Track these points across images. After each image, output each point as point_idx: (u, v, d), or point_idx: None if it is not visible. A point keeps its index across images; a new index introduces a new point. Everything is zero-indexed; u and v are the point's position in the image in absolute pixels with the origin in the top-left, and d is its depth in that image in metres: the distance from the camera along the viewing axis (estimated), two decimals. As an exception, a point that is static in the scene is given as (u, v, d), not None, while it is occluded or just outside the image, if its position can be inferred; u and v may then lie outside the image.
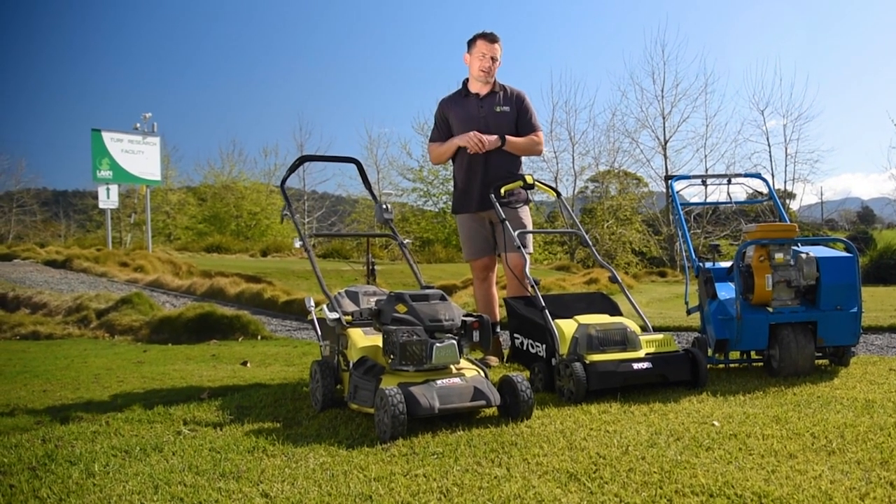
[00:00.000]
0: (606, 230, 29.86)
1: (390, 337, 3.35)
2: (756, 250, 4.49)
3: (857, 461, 2.61)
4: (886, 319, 7.43)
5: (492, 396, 3.33)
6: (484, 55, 5.09)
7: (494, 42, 5.11)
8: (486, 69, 5.11)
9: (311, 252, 4.18)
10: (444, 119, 5.27)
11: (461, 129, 5.14)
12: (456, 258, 25.58)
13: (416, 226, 32.18)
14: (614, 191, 32.65)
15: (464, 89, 5.27)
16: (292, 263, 18.70)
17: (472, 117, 5.15)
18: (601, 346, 3.94)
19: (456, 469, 2.67)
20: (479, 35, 5.14)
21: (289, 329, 9.04)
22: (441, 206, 32.03)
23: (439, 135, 5.29)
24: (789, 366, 4.36)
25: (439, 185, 31.99)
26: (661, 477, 2.47)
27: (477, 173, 5.11)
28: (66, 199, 45.23)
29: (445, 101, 5.30)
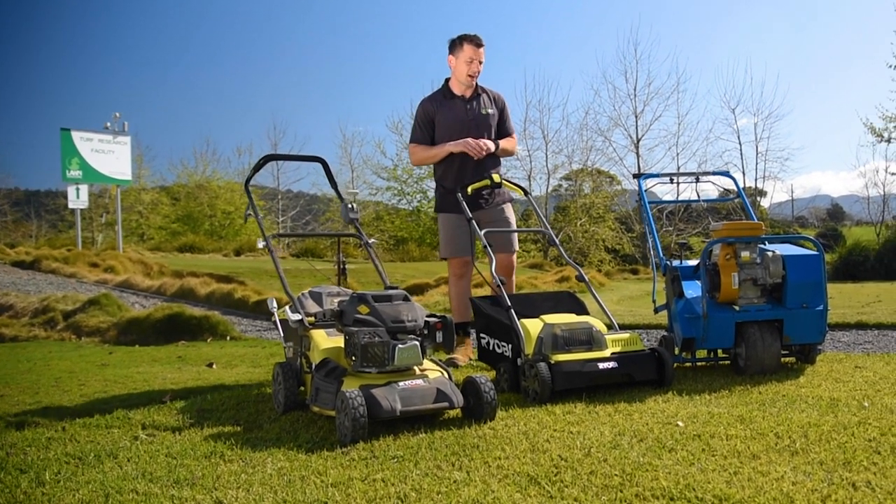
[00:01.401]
0: (580, 228, 29.96)
1: (352, 338, 3.30)
2: (722, 248, 4.49)
3: (819, 462, 2.60)
4: (853, 316, 7.49)
5: (455, 398, 3.29)
6: (472, 60, 5.09)
7: (481, 47, 5.10)
8: (474, 74, 5.13)
9: (273, 252, 4.12)
10: (430, 120, 5.21)
11: (450, 132, 5.11)
12: (430, 257, 25.56)
13: (390, 224, 32.12)
14: (588, 189, 32.76)
15: (447, 90, 5.23)
16: (265, 263, 18.52)
17: (461, 120, 5.14)
18: (567, 345, 3.91)
19: (415, 473, 2.63)
20: (466, 38, 5.10)
21: (259, 329, 8.95)
22: (415, 205, 31.99)
23: (423, 136, 5.23)
24: (756, 364, 4.36)
25: (413, 183, 31.96)
26: (623, 480, 2.45)
27: (467, 174, 5.10)
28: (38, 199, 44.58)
29: (429, 101, 5.25)
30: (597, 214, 30.63)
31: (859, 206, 35.13)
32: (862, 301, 10.40)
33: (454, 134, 5.10)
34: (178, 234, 30.83)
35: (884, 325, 6.99)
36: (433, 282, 13.25)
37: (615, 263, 28.25)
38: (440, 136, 5.19)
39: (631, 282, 18.99)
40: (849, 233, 34.16)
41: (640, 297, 13.18)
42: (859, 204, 34.68)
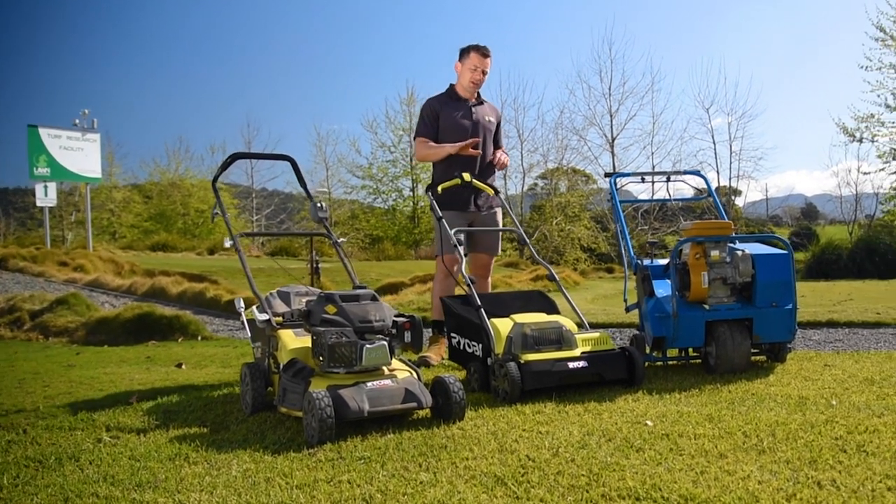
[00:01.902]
0: (555, 227, 30.04)
1: (319, 339, 3.27)
2: (692, 248, 4.50)
3: (786, 460, 2.60)
4: (825, 314, 7.56)
5: (423, 398, 3.27)
6: (476, 68, 5.30)
7: (487, 57, 5.33)
8: (477, 81, 5.35)
9: (241, 251, 4.07)
10: (436, 117, 5.35)
11: (454, 132, 5.28)
12: (405, 255, 25.53)
13: (365, 223, 32.05)
14: (564, 188, 32.87)
15: (453, 93, 5.42)
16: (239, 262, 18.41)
17: (465, 123, 5.33)
18: (536, 345, 3.90)
19: (382, 474, 2.61)
20: (474, 48, 5.32)
21: (231, 329, 8.87)
22: (390, 204, 31.95)
23: (427, 130, 5.35)
24: (726, 363, 4.38)
25: (388, 182, 31.93)
26: (589, 480, 2.44)
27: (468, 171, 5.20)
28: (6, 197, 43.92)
29: (435, 100, 5.41)
30: (572, 213, 30.72)
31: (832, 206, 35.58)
32: (834, 299, 10.52)
33: (459, 134, 5.26)
34: (151, 232, 30.56)
35: (854, 324, 7.06)
36: (408, 280, 13.21)
37: (591, 262, 28.34)
38: (445, 136, 5.31)
39: (606, 280, 19.08)
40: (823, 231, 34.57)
41: (614, 295, 13.23)
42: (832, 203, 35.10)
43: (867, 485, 2.31)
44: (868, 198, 31.74)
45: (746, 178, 31.61)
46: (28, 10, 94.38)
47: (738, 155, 30.94)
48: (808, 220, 44.76)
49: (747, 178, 31.76)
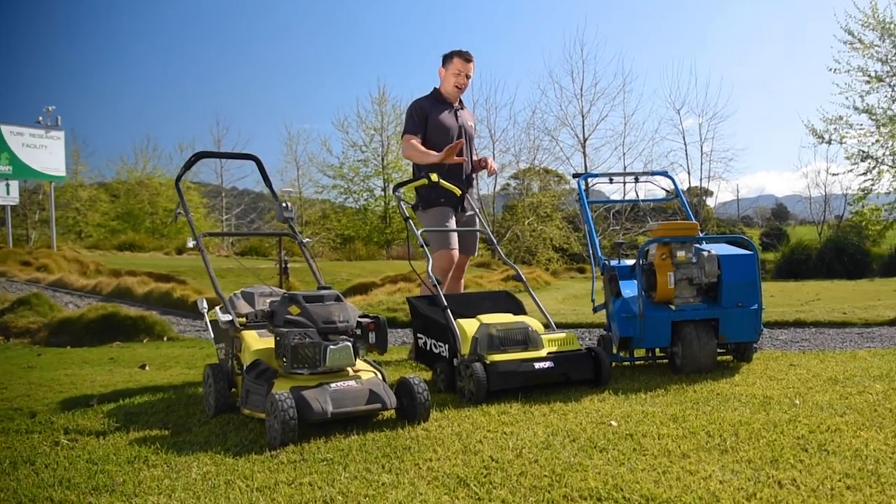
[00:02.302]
0: (527, 227, 30.13)
1: (282, 339, 3.24)
2: (658, 248, 4.52)
3: (748, 460, 2.61)
4: (792, 314, 7.63)
5: (387, 399, 3.25)
6: (460, 72, 5.41)
7: (470, 61, 5.42)
8: (461, 86, 5.46)
9: (203, 251, 4.02)
10: (425, 116, 5.40)
11: (440, 133, 5.36)
12: (377, 255, 25.46)
13: (336, 223, 31.92)
14: (536, 188, 32.98)
15: (439, 95, 5.50)
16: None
17: (451, 126, 5.43)
18: (502, 345, 3.89)
19: (344, 476, 2.58)
20: (457, 53, 5.42)
21: (198, 330, 8.77)
22: (362, 204, 31.85)
23: (417, 129, 5.39)
24: (692, 363, 4.40)
25: (360, 182, 31.82)
26: (552, 481, 2.43)
27: (456, 176, 5.34)
28: (-31, 196, 43.09)
29: (424, 101, 5.46)
30: (544, 213, 30.84)
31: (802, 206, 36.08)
32: (802, 299, 10.63)
33: (446, 135, 5.35)
34: (118, 231, 30.14)
35: (821, 323, 7.14)
36: (379, 281, 13.17)
37: (563, 262, 28.46)
38: (432, 136, 5.37)
39: (577, 280, 19.17)
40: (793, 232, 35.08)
41: (584, 295, 13.29)
42: (802, 204, 35.58)
43: (827, 483, 2.32)
44: (837, 199, 32.24)
45: (717, 179, 31.96)
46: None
47: (708, 156, 31.27)
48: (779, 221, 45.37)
49: (718, 179, 32.11)
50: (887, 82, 23.87)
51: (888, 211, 25.02)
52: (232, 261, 18.29)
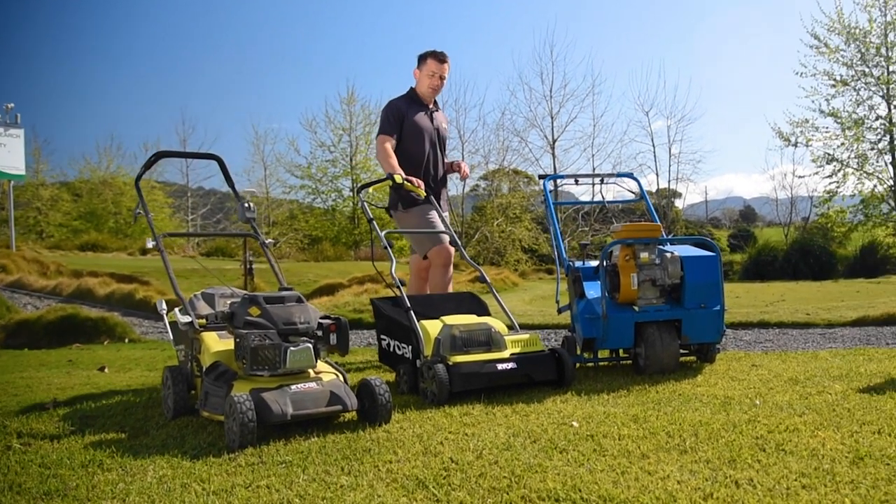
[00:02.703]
0: (496, 228, 30.16)
1: (242, 341, 3.20)
2: (622, 250, 4.54)
3: (706, 460, 2.62)
4: (756, 315, 7.71)
5: (349, 401, 3.22)
6: (434, 73, 5.40)
7: (444, 62, 5.41)
8: (435, 87, 5.45)
9: (163, 252, 3.95)
10: (401, 117, 5.38)
11: (415, 136, 5.37)
12: (345, 256, 25.33)
13: (304, 223, 31.71)
14: (506, 189, 33.03)
15: (415, 96, 5.50)
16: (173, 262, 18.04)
17: (426, 128, 5.43)
18: (465, 346, 3.88)
19: (302, 478, 2.55)
20: (431, 54, 5.40)
21: (161, 331, 8.66)
22: (330, 204, 31.66)
23: (392, 129, 5.37)
24: (655, 363, 4.42)
25: (328, 182, 31.65)
26: (511, 482, 2.42)
27: (433, 178, 5.39)
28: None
29: (400, 101, 5.45)
30: (513, 214, 30.89)
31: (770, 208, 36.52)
32: (767, 300, 10.75)
33: (420, 138, 5.36)
34: (80, 231, 29.57)
35: (784, 324, 7.23)
36: (346, 282, 13.12)
37: (532, 263, 28.54)
38: (413, 135, 5.38)
39: (546, 281, 19.24)
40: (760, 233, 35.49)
41: (552, 296, 13.28)
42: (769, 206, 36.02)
43: (783, 483, 2.34)
44: (803, 201, 32.73)
45: (685, 181, 32.23)
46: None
47: (677, 158, 31.51)
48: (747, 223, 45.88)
49: (686, 181, 32.38)
50: (852, 86, 24.27)
51: (853, 213, 25.43)
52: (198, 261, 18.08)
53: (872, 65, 23.85)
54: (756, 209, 50.34)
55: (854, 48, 24.03)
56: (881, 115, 23.99)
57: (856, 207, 25.31)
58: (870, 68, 23.90)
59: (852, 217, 25.47)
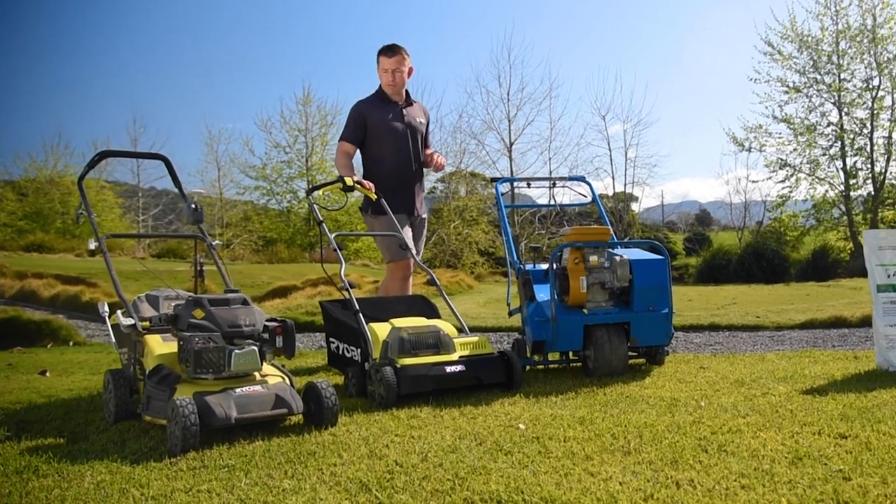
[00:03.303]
0: (453, 230, 30.18)
1: (185, 344, 3.15)
2: (571, 253, 4.57)
3: (649, 461, 2.64)
4: (707, 318, 7.83)
5: (294, 404, 3.19)
6: (387, 70, 5.29)
7: (394, 55, 5.28)
8: (390, 83, 5.32)
9: (106, 253, 3.86)
10: (363, 121, 5.31)
11: (386, 134, 5.30)
12: (299, 258, 25.16)
13: (258, 225, 31.39)
14: (463, 192, 33.07)
15: (382, 94, 5.40)
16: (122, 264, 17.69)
17: (398, 124, 5.34)
18: (413, 349, 3.87)
19: (244, 482, 2.51)
20: (381, 51, 5.31)
21: (107, 334, 8.46)
22: (285, 206, 31.38)
23: (353, 135, 5.33)
24: (604, 366, 4.45)
25: (283, 183, 31.36)
26: (454, 484, 2.41)
27: (408, 179, 5.31)
28: None
29: (364, 103, 5.37)
30: (470, 217, 30.94)
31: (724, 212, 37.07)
32: (719, 303, 10.92)
33: (392, 138, 5.28)
34: (25, 232, 28.80)
35: (734, 327, 7.36)
36: (300, 284, 13.02)
37: (488, 266, 28.63)
38: (377, 138, 5.31)
39: (501, 284, 19.31)
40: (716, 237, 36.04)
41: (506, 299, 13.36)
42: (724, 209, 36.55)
43: (723, 483, 2.37)
44: (757, 205, 33.18)
45: (641, 185, 32.58)
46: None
47: (633, 161, 31.82)
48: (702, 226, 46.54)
49: (642, 185, 32.74)
50: (805, 93, 24.76)
51: (805, 218, 25.94)
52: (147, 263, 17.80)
53: (824, 72, 24.39)
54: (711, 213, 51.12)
55: (806, 56, 24.56)
56: (832, 122, 24.53)
57: (808, 212, 25.82)
58: (821, 76, 24.44)
59: (804, 221, 25.99)
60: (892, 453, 2.64)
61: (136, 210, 34.89)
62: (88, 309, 10.00)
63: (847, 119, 24.16)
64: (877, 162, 23.81)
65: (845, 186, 24.35)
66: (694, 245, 34.10)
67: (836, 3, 24.00)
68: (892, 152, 23.50)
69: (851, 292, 12.39)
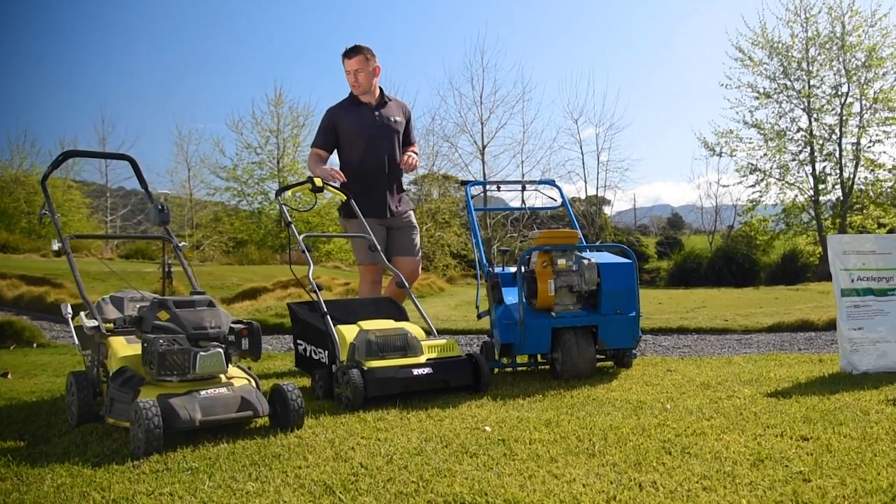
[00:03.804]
0: (425, 233, 30.17)
1: (149, 346, 3.11)
2: (539, 256, 4.59)
3: (613, 463, 2.66)
4: (676, 321, 7.88)
5: (260, 406, 3.17)
6: (349, 72, 5.28)
7: (354, 56, 5.26)
8: (355, 84, 5.29)
9: (69, 254, 3.81)
10: (333, 127, 5.31)
11: (358, 137, 5.27)
12: (270, 260, 25.00)
13: (229, 226, 31.14)
14: (436, 194, 33.06)
15: (354, 98, 5.36)
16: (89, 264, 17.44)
17: (369, 125, 5.30)
18: (381, 351, 3.87)
19: (208, 485, 2.49)
20: (342, 54, 5.30)
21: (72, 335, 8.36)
22: (256, 207, 31.17)
23: (324, 142, 5.34)
24: (571, 369, 4.48)
25: (254, 184, 31.15)
26: (419, 486, 2.41)
27: (380, 181, 5.26)
28: None
29: (334, 109, 5.36)
30: (442, 220, 30.93)
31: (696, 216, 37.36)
32: (688, 306, 11.01)
33: (362, 140, 5.25)
34: (-10, 231, 28.39)
35: (703, 330, 7.43)
36: (270, 286, 12.94)
37: (460, 268, 28.64)
38: (348, 141, 5.30)
39: (473, 287, 19.24)
40: (687, 241, 36.38)
41: (477, 302, 13.37)
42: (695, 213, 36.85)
43: (685, 485, 2.39)
44: (727, 209, 33.48)
45: (614, 188, 32.78)
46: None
47: (605, 165, 32.08)
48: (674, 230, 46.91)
49: (614, 188, 32.94)
50: (774, 98, 25.10)
51: (775, 222, 26.26)
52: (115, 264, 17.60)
53: (794, 78, 24.75)
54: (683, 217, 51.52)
55: (777, 62, 24.91)
56: (802, 128, 24.89)
57: (778, 216, 26.15)
58: (791, 82, 24.79)
59: (774, 226, 26.32)
60: (852, 455, 2.68)
61: (104, 210, 34.47)
62: (53, 310, 9.86)
63: (816, 125, 24.56)
64: (845, 167, 24.21)
65: (814, 191, 24.71)
66: (665, 248, 34.36)
67: (805, 11, 24.41)
68: (860, 158, 23.90)
69: (819, 296, 12.59)
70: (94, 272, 13.43)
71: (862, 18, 23.52)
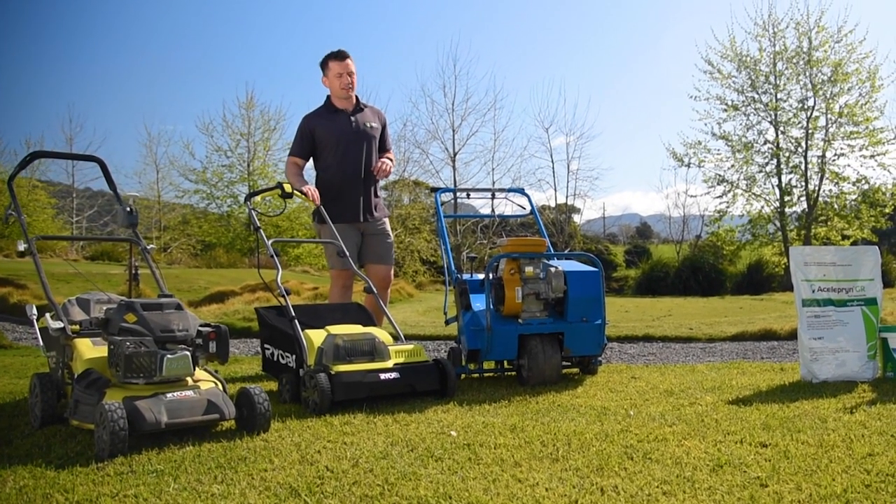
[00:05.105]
0: (395, 238, 30.11)
1: (116, 348, 3.10)
2: (507, 263, 4.64)
3: (576, 468, 2.70)
4: (642, 329, 7.96)
5: (226, 409, 3.17)
6: (341, 74, 5.28)
7: (345, 59, 5.30)
8: (346, 86, 5.31)
9: (36, 255, 3.78)
10: (310, 135, 5.31)
11: (335, 145, 5.28)
12: (239, 263, 24.82)
13: (197, 229, 30.85)
14: (407, 200, 33.04)
15: (329, 105, 5.37)
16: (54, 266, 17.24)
17: (346, 132, 5.30)
18: (348, 356, 3.88)
19: (173, 487, 2.50)
20: (330, 56, 5.31)
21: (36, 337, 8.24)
22: (225, 210, 30.92)
23: (301, 149, 5.34)
24: (537, 375, 4.52)
25: (224, 187, 30.89)
26: (384, 489, 2.44)
27: (356, 186, 5.27)
28: None
29: (311, 116, 5.36)
30: (413, 226, 30.92)
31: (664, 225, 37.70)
32: (655, 315, 11.12)
33: (339, 146, 5.26)
34: (-49, 232, 27.87)
35: (668, 338, 7.50)
36: (238, 289, 12.87)
37: (430, 275, 28.64)
38: (326, 150, 5.31)
39: (442, 293, 19.32)
40: (655, 250, 36.68)
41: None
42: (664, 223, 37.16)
43: (646, 490, 2.44)
44: (695, 219, 33.76)
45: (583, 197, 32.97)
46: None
47: (575, 174, 32.17)
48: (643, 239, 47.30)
49: (584, 197, 33.12)
50: (742, 111, 25.35)
51: (741, 232, 26.51)
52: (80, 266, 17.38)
53: (762, 91, 25.05)
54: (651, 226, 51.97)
55: (745, 75, 25.19)
56: (769, 140, 25.18)
57: (744, 227, 26.38)
58: (759, 95, 25.10)
59: (741, 236, 26.55)
60: (809, 461, 2.74)
61: (70, 211, 33.98)
62: (16, 311, 9.72)
63: (783, 138, 24.88)
64: (810, 180, 24.55)
65: (780, 203, 25.02)
66: (634, 257, 34.65)
67: (773, 26, 24.73)
68: (825, 171, 24.26)
69: (783, 306, 12.78)
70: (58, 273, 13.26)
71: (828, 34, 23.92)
